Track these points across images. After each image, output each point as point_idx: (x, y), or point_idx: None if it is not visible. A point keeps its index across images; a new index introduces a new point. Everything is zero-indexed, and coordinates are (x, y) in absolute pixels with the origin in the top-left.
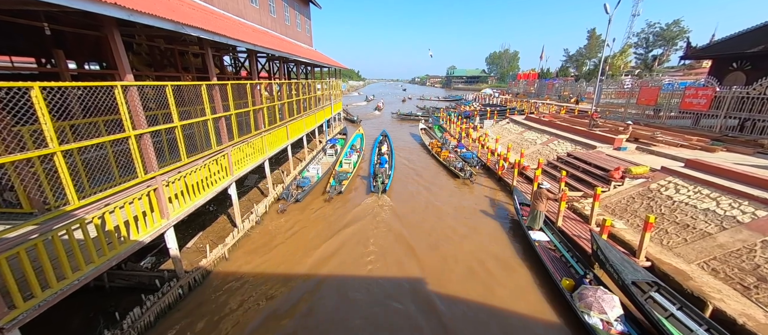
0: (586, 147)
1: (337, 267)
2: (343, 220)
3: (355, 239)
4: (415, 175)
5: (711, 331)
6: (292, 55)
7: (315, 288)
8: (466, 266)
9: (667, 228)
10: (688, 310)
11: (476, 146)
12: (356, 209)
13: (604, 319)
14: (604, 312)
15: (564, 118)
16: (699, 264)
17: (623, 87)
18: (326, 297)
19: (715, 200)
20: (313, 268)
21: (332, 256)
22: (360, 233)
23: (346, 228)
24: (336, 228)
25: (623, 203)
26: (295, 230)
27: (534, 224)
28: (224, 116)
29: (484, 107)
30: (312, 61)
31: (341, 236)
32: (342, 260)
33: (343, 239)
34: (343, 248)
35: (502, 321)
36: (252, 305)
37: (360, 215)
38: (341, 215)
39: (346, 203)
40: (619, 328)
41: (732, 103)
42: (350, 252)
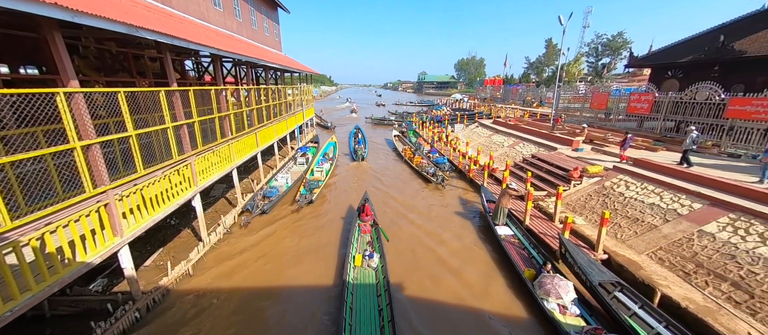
0: (548, 149)
1: (306, 278)
2: (313, 230)
3: (325, 248)
4: (390, 188)
5: (669, 328)
6: (260, 60)
7: (284, 302)
8: (435, 265)
9: (620, 222)
10: (649, 308)
11: (448, 149)
12: (327, 217)
13: (560, 304)
14: (560, 298)
15: (528, 121)
16: (648, 254)
17: (578, 92)
18: (291, 311)
19: (659, 195)
20: (282, 281)
21: (301, 268)
22: (329, 243)
23: (315, 239)
24: (305, 239)
25: (582, 201)
26: (264, 243)
27: (498, 219)
28: (186, 124)
29: (455, 112)
30: (281, 66)
31: (310, 247)
32: (309, 271)
33: (312, 250)
34: (312, 258)
35: (470, 312)
36: (218, 324)
37: (331, 223)
38: (311, 225)
39: (317, 213)
40: (574, 311)
41: (669, 107)
42: (320, 262)
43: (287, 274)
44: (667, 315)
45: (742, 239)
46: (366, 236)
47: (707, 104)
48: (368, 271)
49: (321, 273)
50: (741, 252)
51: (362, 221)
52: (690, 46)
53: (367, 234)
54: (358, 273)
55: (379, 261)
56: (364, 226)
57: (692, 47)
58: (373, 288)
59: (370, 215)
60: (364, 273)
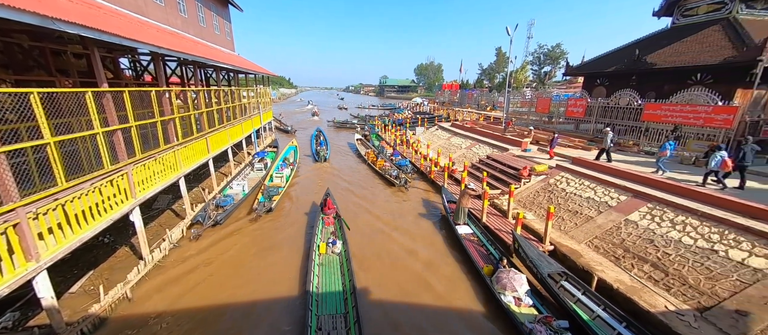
0: (501, 150)
1: (267, 289)
2: (274, 238)
3: (287, 255)
4: (353, 196)
5: (607, 310)
6: (209, 59)
7: (243, 318)
8: (399, 264)
9: (563, 216)
10: (589, 294)
11: (410, 152)
12: (288, 223)
13: (515, 296)
14: (515, 290)
15: (483, 124)
16: (587, 243)
17: (525, 98)
18: (250, 327)
19: (593, 189)
20: (240, 296)
21: (261, 279)
22: (291, 250)
23: (276, 247)
24: (265, 248)
25: (531, 197)
26: (218, 256)
27: (459, 218)
28: (121, 129)
29: (416, 115)
30: (234, 66)
31: (271, 256)
32: (270, 281)
33: (273, 259)
34: (273, 267)
35: (434, 310)
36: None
37: (293, 229)
38: (271, 233)
39: (278, 220)
40: (527, 302)
41: (599, 111)
42: (281, 271)
43: (246, 288)
44: (603, 297)
45: (658, 225)
46: (329, 228)
47: (628, 109)
48: (332, 257)
49: (283, 282)
50: (657, 236)
51: (325, 214)
52: (613, 58)
53: (330, 226)
54: (323, 259)
55: (342, 247)
56: (327, 219)
57: (615, 59)
58: (337, 269)
59: (332, 208)
60: (329, 259)
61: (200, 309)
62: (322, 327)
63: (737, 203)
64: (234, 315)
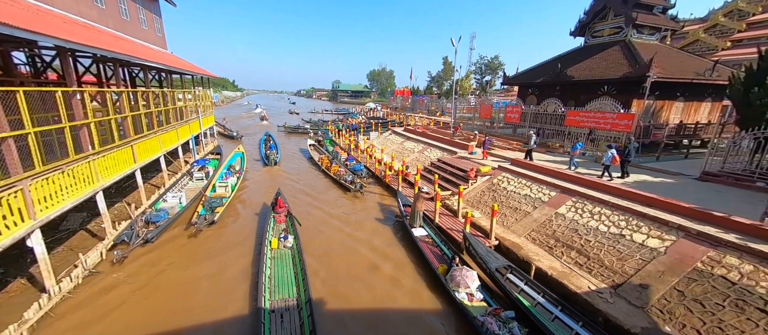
0: (450, 153)
1: (209, 312)
2: (218, 253)
3: (233, 271)
4: (307, 197)
5: (545, 296)
6: (133, 57)
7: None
8: (357, 268)
9: (505, 212)
10: (530, 283)
11: (365, 157)
12: (235, 235)
13: (468, 292)
14: (468, 287)
15: (434, 129)
16: (526, 237)
17: (470, 104)
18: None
19: (529, 187)
20: (176, 323)
21: (201, 301)
22: (238, 263)
23: (220, 262)
24: (206, 264)
25: (478, 196)
26: (149, 280)
27: (414, 222)
28: (12, 137)
29: (369, 120)
30: (165, 66)
31: (213, 273)
32: (213, 301)
33: (217, 275)
34: (218, 285)
35: (390, 312)
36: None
37: (240, 240)
38: (215, 247)
39: (223, 232)
40: (479, 296)
41: (531, 117)
42: (227, 288)
43: (187, 309)
44: (541, 284)
45: (580, 216)
46: (281, 225)
47: (554, 115)
48: (284, 251)
49: (228, 301)
50: (580, 226)
51: (277, 213)
52: (542, 70)
53: (282, 224)
54: (275, 253)
55: (294, 242)
56: (279, 217)
57: (543, 71)
58: (289, 261)
59: (283, 207)
60: (281, 253)
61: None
62: (276, 309)
63: (636, 194)
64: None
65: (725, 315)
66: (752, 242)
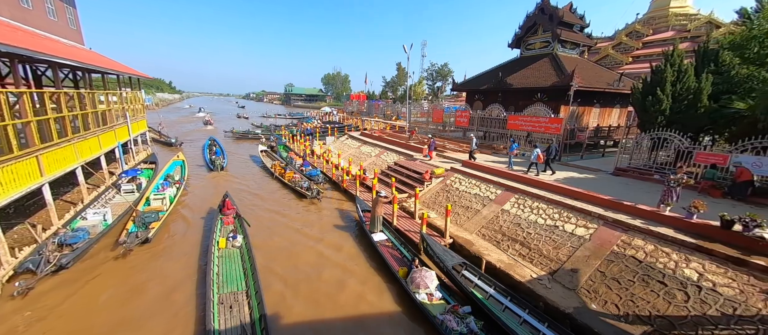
0: (406, 157)
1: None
2: (152, 275)
3: (171, 295)
4: (261, 201)
5: (496, 289)
6: (36, 52)
7: None
8: (318, 275)
9: (458, 211)
10: (483, 277)
11: (321, 162)
12: (174, 252)
13: (428, 293)
14: (427, 287)
15: (390, 133)
16: (477, 233)
17: (423, 109)
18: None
19: (478, 186)
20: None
21: (131, 327)
22: (177, 285)
23: (156, 286)
24: (137, 290)
25: (433, 198)
26: (65, 312)
27: (374, 227)
28: None
29: (325, 125)
30: (81, 63)
31: (147, 300)
32: (152, 319)
33: (151, 303)
34: (152, 315)
35: (351, 319)
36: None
37: (180, 258)
38: (149, 269)
39: (158, 250)
40: (438, 295)
41: (478, 121)
42: (164, 318)
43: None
44: (492, 277)
45: (522, 211)
46: (229, 227)
47: (498, 119)
48: (233, 250)
49: (169, 320)
50: (522, 220)
51: (224, 214)
52: (486, 77)
53: (230, 225)
54: (222, 252)
55: (243, 241)
56: (226, 219)
57: (487, 78)
58: (238, 258)
59: (231, 208)
60: (229, 252)
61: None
62: (224, 302)
63: (566, 189)
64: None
65: (635, 289)
66: (652, 226)
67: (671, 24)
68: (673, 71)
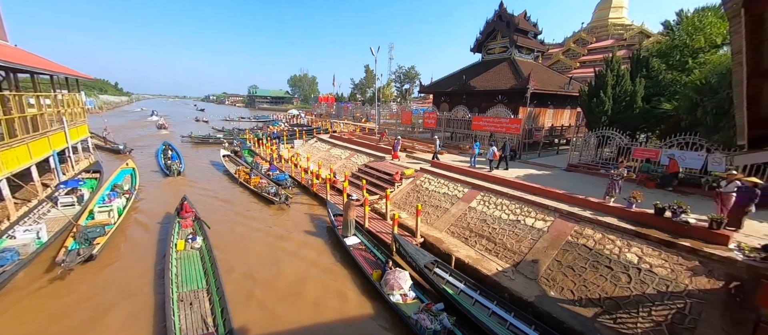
0: (376, 158)
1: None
2: (95, 296)
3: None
4: (226, 208)
5: (466, 283)
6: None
7: None
8: (290, 282)
9: (428, 210)
10: (454, 273)
11: (289, 166)
12: (124, 276)
13: (402, 293)
14: (401, 288)
15: (360, 135)
16: (446, 231)
17: (392, 111)
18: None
19: (447, 186)
20: None
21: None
22: (129, 306)
23: (101, 308)
24: (77, 315)
25: (404, 198)
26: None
27: (347, 231)
28: None
29: (293, 128)
30: (4, 62)
31: (97, 325)
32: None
33: (94, 324)
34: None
35: (326, 325)
36: None
37: (131, 275)
38: (91, 292)
39: (106, 272)
40: (411, 295)
41: (445, 122)
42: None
43: None
44: (461, 273)
45: (488, 208)
46: (188, 230)
47: (463, 120)
48: (192, 252)
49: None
50: (488, 216)
51: (182, 218)
52: (451, 80)
53: (188, 228)
54: (180, 255)
55: (203, 242)
56: (185, 222)
57: (452, 81)
58: (197, 259)
59: (190, 211)
60: (188, 254)
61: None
62: (184, 299)
63: (526, 185)
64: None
65: (587, 274)
66: (600, 216)
67: (611, 33)
68: (613, 76)
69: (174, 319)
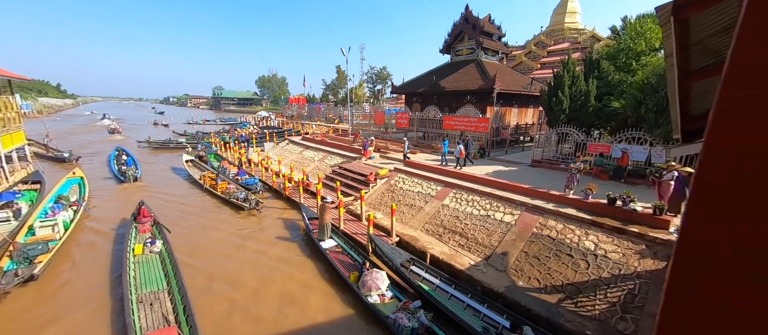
0: (350, 159)
1: None
2: (42, 318)
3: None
4: (188, 214)
5: (441, 279)
6: None
7: None
8: (265, 290)
9: (403, 210)
10: (429, 270)
11: (260, 170)
12: (70, 298)
13: (380, 294)
14: (379, 289)
15: (333, 136)
16: (421, 229)
17: (365, 112)
18: None
19: (420, 185)
20: None
21: None
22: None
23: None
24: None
25: (379, 198)
26: None
27: (323, 235)
28: None
29: (263, 130)
30: None
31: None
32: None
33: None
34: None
35: (304, 333)
36: None
37: (86, 295)
38: (31, 318)
39: (49, 294)
40: (389, 295)
41: (417, 122)
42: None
43: None
44: (436, 269)
45: (460, 204)
46: (146, 235)
47: (435, 120)
48: (151, 256)
49: None
50: (460, 213)
51: (140, 222)
52: (422, 80)
53: (146, 233)
54: (139, 259)
55: (163, 246)
56: (143, 227)
57: (423, 81)
58: (157, 262)
59: (148, 216)
60: (147, 258)
61: None
62: (144, 300)
63: (495, 181)
64: None
65: (551, 263)
66: (561, 208)
67: (567, 36)
68: (569, 77)
69: (133, 318)
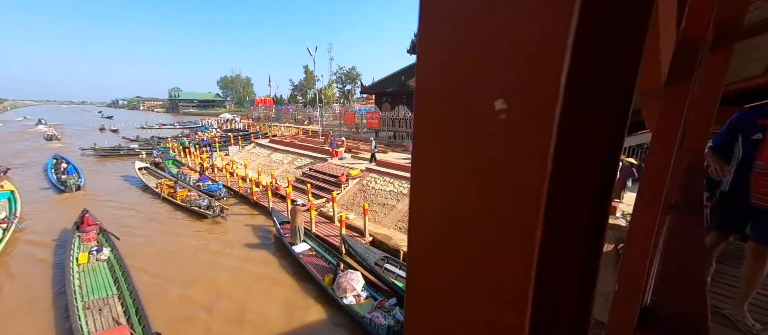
0: (321, 161)
1: None
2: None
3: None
4: (146, 227)
5: None
6: None
7: None
8: (236, 301)
9: (375, 209)
10: (405, 268)
11: (224, 175)
12: (9, 309)
13: (355, 295)
14: (354, 289)
15: (303, 138)
16: (394, 227)
17: (335, 112)
18: None
19: (392, 183)
20: None
21: None
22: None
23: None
24: None
25: (351, 199)
26: None
27: (296, 239)
28: None
29: (227, 133)
30: None
31: None
32: None
33: None
34: None
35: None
36: None
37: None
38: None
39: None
40: (364, 295)
41: (387, 122)
42: None
43: None
44: None
45: None
46: (91, 244)
47: (405, 119)
48: (98, 264)
49: None
50: None
51: (84, 231)
52: (392, 80)
53: (92, 241)
54: (83, 268)
55: (111, 253)
56: (87, 236)
57: (393, 81)
58: (104, 270)
59: (93, 224)
60: (93, 266)
61: None
62: (91, 306)
63: None
64: None
65: None
66: None
67: None
68: None
69: (80, 324)
